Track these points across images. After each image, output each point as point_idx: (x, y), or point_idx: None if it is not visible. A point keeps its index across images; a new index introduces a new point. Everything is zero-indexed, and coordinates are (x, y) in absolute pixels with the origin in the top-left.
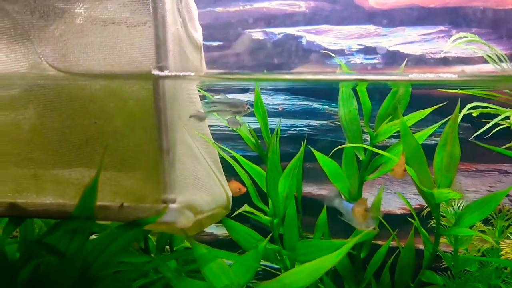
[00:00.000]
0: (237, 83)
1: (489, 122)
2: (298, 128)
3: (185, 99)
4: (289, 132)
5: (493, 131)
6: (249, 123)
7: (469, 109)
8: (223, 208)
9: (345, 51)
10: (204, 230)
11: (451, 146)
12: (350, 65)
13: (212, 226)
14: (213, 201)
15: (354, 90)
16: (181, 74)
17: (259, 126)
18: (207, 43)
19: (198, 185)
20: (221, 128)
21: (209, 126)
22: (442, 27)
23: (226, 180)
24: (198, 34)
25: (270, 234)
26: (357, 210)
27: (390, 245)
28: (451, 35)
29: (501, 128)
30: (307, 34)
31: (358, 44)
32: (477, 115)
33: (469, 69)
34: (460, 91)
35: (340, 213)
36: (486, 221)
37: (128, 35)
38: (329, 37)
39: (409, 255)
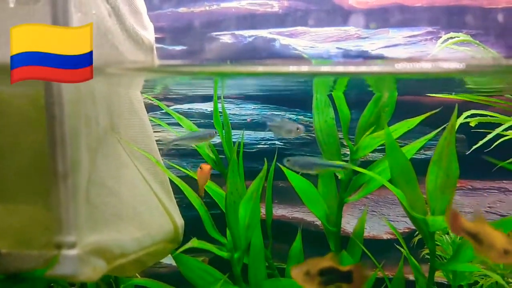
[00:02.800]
0: (190, 81)
1: (488, 133)
2: (269, 142)
3: (125, 107)
4: (259, 146)
5: (496, 143)
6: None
7: (465, 117)
8: (168, 242)
9: (323, 55)
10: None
11: (447, 162)
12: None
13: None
14: (149, 237)
15: (331, 98)
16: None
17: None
18: (169, 48)
19: (127, 217)
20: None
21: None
22: (429, 29)
23: (176, 206)
24: (147, 32)
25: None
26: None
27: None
28: (440, 37)
29: (503, 140)
30: (281, 37)
31: (337, 48)
32: (475, 125)
33: None
34: (455, 97)
35: None
36: None
37: (13, 16)
38: (305, 40)
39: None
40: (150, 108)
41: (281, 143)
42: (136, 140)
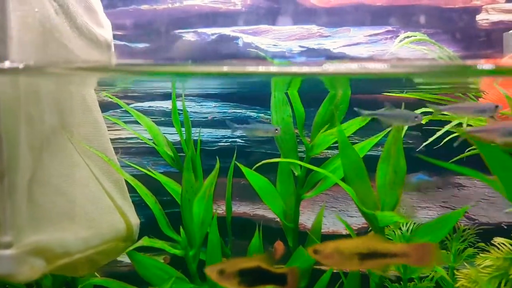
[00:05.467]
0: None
1: (439, 130)
2: (230, 139)
3: (77, 105)
4: (220, 144)
5: (445, 140)
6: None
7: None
8: (120, 241)
9: (286, 53)
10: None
11: (395, 159)
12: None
13: None
14: (97, 236)
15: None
16: (21, 66)
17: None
18: (132, 45)
19: (74, 217)
20: (139, 141)
21: (125, 138)
22: (389, 28)
23: (131, 205)
24: (103, 30)
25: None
26: None
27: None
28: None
29: (453, 137)
30: (244, 35)
31: (300, 46)
32: (427, 123)
33: None
34: (408, 95)
35: None
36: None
37: None
38: (268, 38)
39: (353, 283)
40: (110, 106)
41: (242, 141)
42: (89, 138)
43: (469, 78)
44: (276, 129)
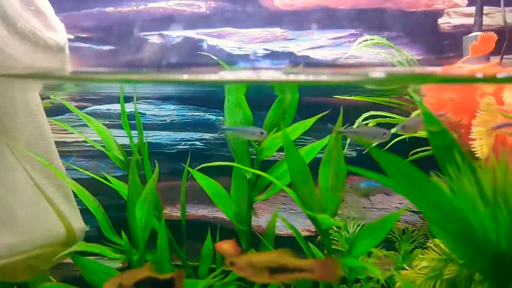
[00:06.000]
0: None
1: None
2: (189, 142)
3: (19, 109)
4: (179, 147)
5: (391, 143)
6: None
7: (364, 118)
8: (59, 246)
9: (250, 56)
10: None
11: (336, 162)
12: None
13: None
14: (29, 241)
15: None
16: None
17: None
18: (97, 48)
19: (3, 223)
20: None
21: (83, 141)
22: (353, 31)
23: (76, 209)
24: (54, 34)
25: None
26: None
27: None
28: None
29: (400, 139)
30: (209, 38)
31: (264, 49)
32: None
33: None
34: (357, 98)
35: None
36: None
37: None
38: (232, 41)
39: (306, 285)
40: (66, 109)
41: (201, 144)
42: (32, 143)
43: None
44: (262, 132)
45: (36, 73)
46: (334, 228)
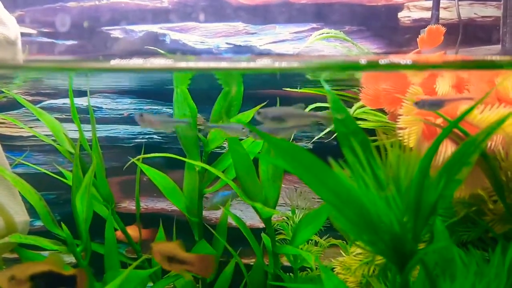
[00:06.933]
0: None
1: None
2: (147, 136)
3: None
4: (136, 140)
5: (335, 134)
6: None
7: (310, 110)
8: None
9: (213, 50)
10: None
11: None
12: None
13: None
14: None
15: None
16: None
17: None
18: (60, 42)
19: None
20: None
21: (29, 137)
22: (314, 25)
23: (20, 203)
24: (4, 27)
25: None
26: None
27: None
28: (323, 33)
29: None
30: (171, 32)
31: (227, 43)
32: None
33: None
34: (305, 90)
35: None
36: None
37: None
38: (195, 35)
39: (258, 274)
40: (19, 104)
41: (159, 137)
42: None
43: (357, 74)
44: (243, 129)
45: None
46: (284, 218)
